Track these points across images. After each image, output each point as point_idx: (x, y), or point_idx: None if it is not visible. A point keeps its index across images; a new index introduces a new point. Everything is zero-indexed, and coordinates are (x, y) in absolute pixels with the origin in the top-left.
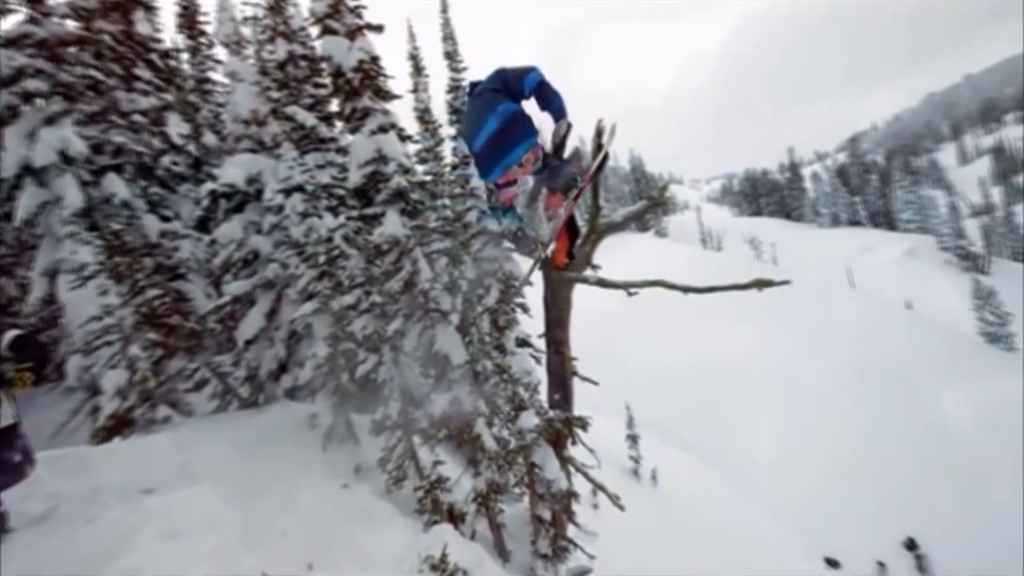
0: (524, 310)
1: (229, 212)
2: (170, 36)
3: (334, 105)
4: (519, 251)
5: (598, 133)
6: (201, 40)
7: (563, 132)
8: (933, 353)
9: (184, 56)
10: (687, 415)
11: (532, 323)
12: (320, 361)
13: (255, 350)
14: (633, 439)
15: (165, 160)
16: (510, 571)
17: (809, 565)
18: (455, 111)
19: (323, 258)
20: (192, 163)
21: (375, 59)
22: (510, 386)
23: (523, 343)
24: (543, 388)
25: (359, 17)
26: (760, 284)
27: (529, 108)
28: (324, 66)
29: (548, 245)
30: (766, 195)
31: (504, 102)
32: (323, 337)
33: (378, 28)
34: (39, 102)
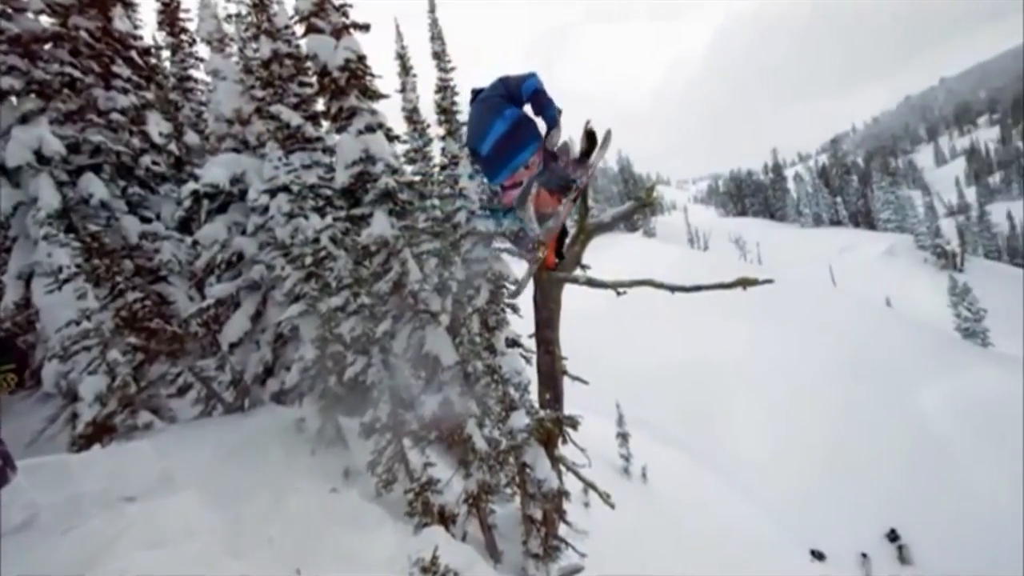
0: (514, 310)
1: (212, 213)
2: (150, 33)
3: (320, 104)
4: (518, 251)
5: (587, 135)
6: (182, 37)
7: (556, 141)
8: (912, 349)
9: (165, 54)
10: (676, 413)
11: (522, 323)
12: (307, 364)
13: (240, 353)
14: (623, 437)
15: (145, 160)
16: (502, 571)
17: (795, 558)
18: (443, 111)
19: (310, 259)
20: (173, 163)
21: (362, 58)
22: (500, 386)
23: (513, 343)
24: (533, 388)
25: (345, 16)
26: (744, 283)
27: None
28: (309, 65)
29: (547, 245)
30: (751, 196)
31: (510, 107)
32: (310, 339)
33: (364, 27)
34: (13, 100)
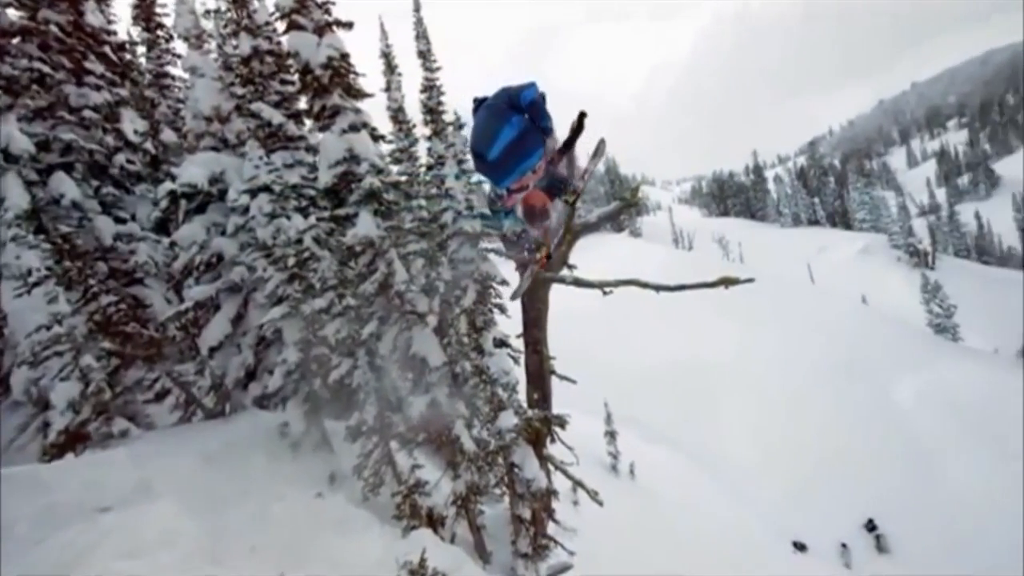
0: (502, 310)
1: (190, 213)
2: (125, 28)
3: (302, 102)
4: (513, 251)
5: (578, 120)
6: (159, 33)
7: (551, 148)
8: (887, 344)
9: (140, 49)
10: (663, 411)
11: (510, 323)
12: (291, 367)
13: (220, 357)
14: (611, 435)
15: (120, 158)
16: (491, 572)
17: (778, 549)
18: (429, 111)
19: (292, 260)
20: (149, 162)
21: (345, 56)
22: (488, 387)
23: (501, 343)
24: (522, 388)
25: (328, 13)
26: (726, 282)
27: None
28: (291, 62)
29: (547, 245)
30: (733, 196)
31: (516, 115)
32: (294, 342)
33: (348, 25)
34: None
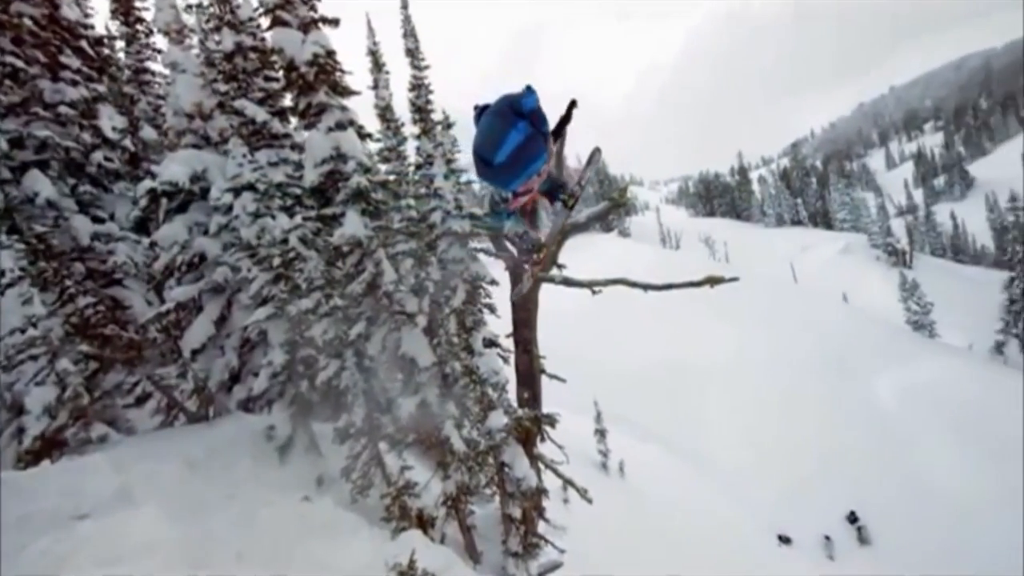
0: (491, 310)
1: (171, 212)
2: (103, 22)
3: (287, 100)
4: (515, 251)
5: (567, 111)
6: (138, 27)
7: (551, 151)
8: (868, 341)
9: (119, 44)
10: (650, 408)
11: (500, 323)
12: (276, 369)
13: (203, 360)
14: (601, 433)
15: (97, 156)
16: (481, 571)
17: (764, 543)
18: (418, 109)
19: (278, 260)
20: (128, 159)
21: (331, 53)
22: (478, 387)
23: (491, 343)
24: (511, 387)
25: (313, 10)
26: (711, 281)
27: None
28: (276, 59)
29: (548, 247)
30: (718, 197)
31: (522, 120)
32: (279, 344)
33: (333, 22)
34: None
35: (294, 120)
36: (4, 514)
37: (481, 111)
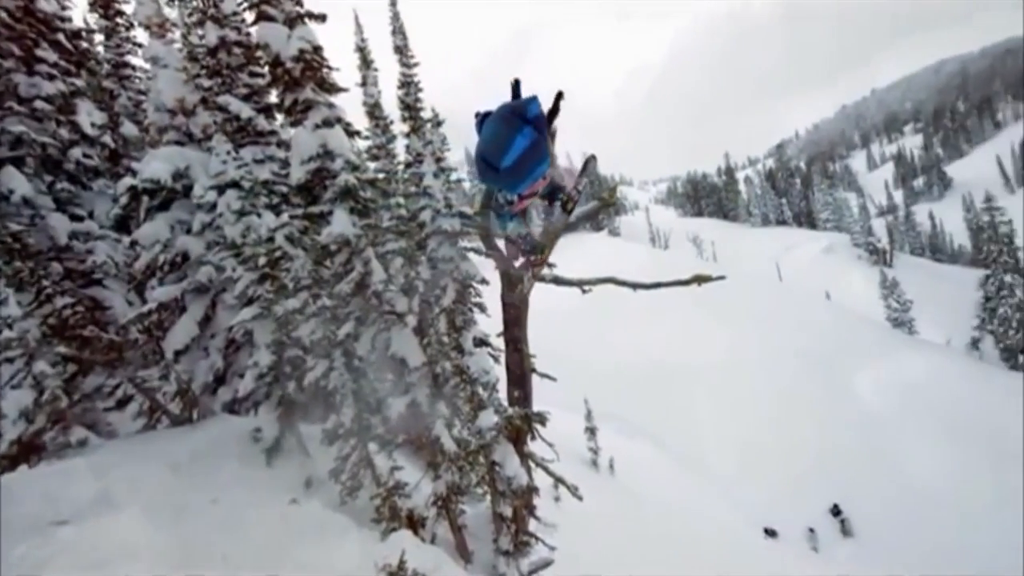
0: (481, 309)
1: (153, 210)
2: (81, 15)
3: (273, 96)
4: (519, 253)
5: (555, 103)
6: (118, 21)
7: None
8: (850, 338)
9: (98, 38)
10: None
11: (490, 322)
12: (263, 370)
13: (187, 361)
14: (591, 431)
15: (75, 152)
16: (472, 571)
17: (750, 536)
18: (407, 107)
19: (264, 260)
20: (108, 156)
21: (317, 49)
22: (469, 386)
23: (481, 342)
24: (502, 386)
25: (299, 4)
26: (699, 280)
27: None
28: (261, 54)
29: (549, 248)
30: (706, 197)
31: (526, 125)
32: (266, 344)
33: (320, 17)
34: None
35: (280, 117)
36: None
37: (483, 118)
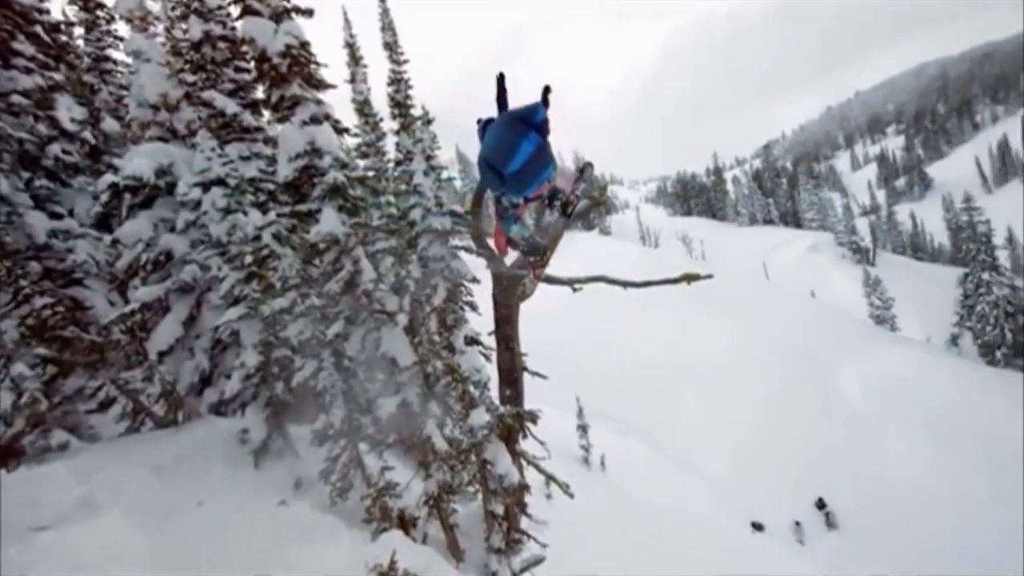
0: (473, 308)
1: (135, 208)
2: (60, 7)
3: (259, 92)
4: (524, 255)
5: (543, 97)
6: (98, 13)
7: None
8: (835, 335)
9: (77, 31)
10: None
11: (481, 321)
12: (250, 371)
13: (171, 362)
14: (583, 429)
15: (54, 148)
16: (464, 570)
17: (738, 530)
18: (397, 105)
19: (250, 258)
20: (88, 152)
21: (305, 44)
22: (460, 385)
23: (472, 341)
24: (493, 385)
25: None
26: (688, 278)
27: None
28: (246, 49)
29: (551, 250)
30: (695, 196)
31: (531, 131)
32: (253, 344)
33: (307, 12)
34: None
35: (267, 113)
36: None
37: (485, 124)
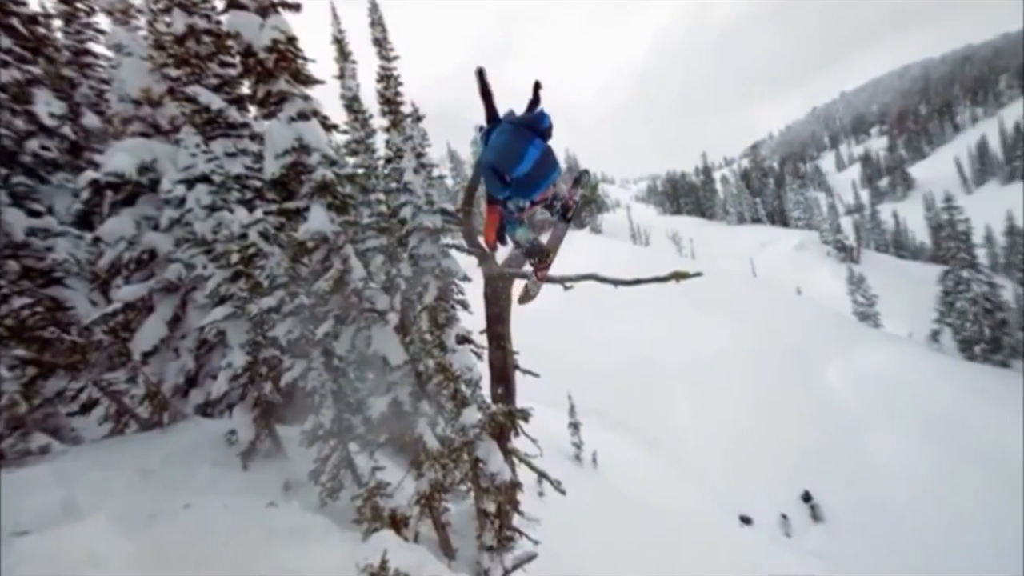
0: (464, 307)
1: (117, 205)
2: None
3: (245, 88)
4: (528, 255)
5: (534, 93)
6: (78, 6)
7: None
8: (821, 332)
9: (56, 23)
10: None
11: (472, 319)
12: (237, 371)
13: (156, 363)
14: (575, 426)
15: (32, 144)
16: (456, 568)
17: (727, 524)
18: (387, 101)
19: (236, 257)
20: (68, 148)
21: (292, 39)
22: (452, 384)
23: (464, 340)
24: (485, 383)
25: None
26: (677, 276)
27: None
28: (232, 44)
29: (553, 253)
30: (685, 195)
31: (537, 137)
32: (239, 344)
33: (294, 6)
34: None
35: (253, 109)
36: None
37: (488, 131)
